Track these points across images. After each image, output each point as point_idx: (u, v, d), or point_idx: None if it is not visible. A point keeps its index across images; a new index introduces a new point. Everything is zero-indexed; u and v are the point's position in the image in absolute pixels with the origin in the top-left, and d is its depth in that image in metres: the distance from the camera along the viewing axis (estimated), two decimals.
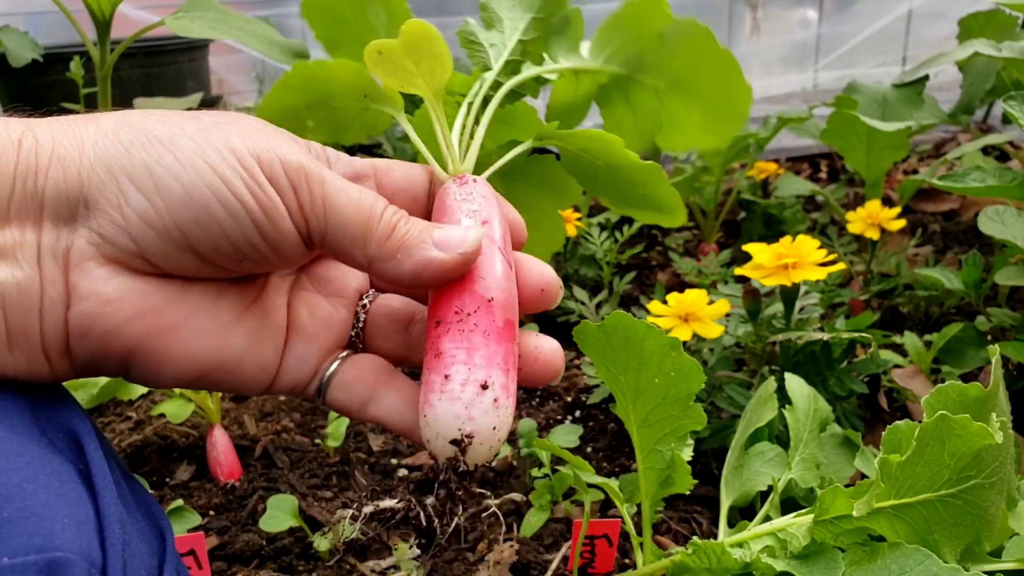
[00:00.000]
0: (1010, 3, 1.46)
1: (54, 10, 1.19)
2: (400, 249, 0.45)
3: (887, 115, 1.61)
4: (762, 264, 1.01)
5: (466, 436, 0.45)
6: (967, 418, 0.56)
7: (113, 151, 0.40)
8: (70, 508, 0.37)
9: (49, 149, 0.40)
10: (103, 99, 1.22)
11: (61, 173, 0.40)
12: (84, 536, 0.37)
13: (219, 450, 1.10)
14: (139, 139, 0.41)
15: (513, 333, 0.49)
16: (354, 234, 0.44)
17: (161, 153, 0.40)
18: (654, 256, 1.85)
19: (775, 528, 0.67)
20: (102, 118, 0.42)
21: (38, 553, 0.34)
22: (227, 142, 0.41)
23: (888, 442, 0.63)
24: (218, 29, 1.10)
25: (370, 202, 0.45)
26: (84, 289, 0.40)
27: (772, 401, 0.85)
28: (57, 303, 0.40)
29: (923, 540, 0.61)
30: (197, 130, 0.42)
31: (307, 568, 0.92)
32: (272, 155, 0.42)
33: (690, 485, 0.70)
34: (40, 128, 0.41)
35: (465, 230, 0.47)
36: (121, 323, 0.41)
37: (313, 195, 0.43)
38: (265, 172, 0.42)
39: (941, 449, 0.58)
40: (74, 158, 0.40)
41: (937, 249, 1.71)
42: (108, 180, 0.40)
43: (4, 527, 0.34)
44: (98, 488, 0.40)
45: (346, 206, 0.44)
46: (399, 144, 1.93)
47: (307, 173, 0.43)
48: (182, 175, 0.40)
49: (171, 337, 0.43)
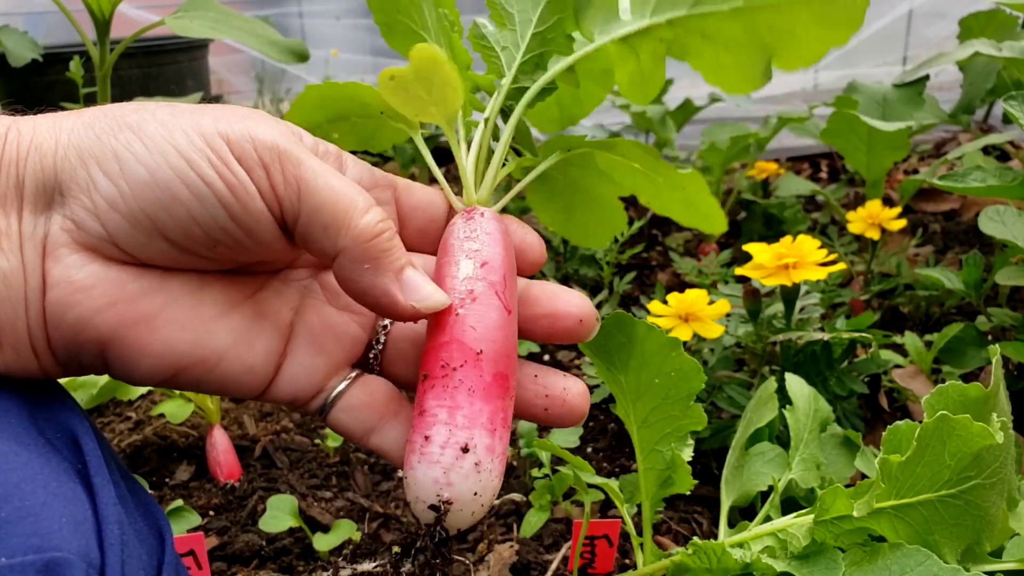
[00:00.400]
0: (1010, 3, 1.45)
1: (54, 10, 1.19)
2: (372, 260, 0.43)
3: (888, 115, 1.61)
4: (762, 264, 1.01)
5: (444, 502, 0.43)
6: (968, 418, 0.56)
7: (85, 137, 0.41)
8: (68, 508, 0.37)
9: (29, 139, 0.41)
10: (103, 99, 1.22)
11: (38, 161, 0.40)
12: (82, 536, 0.37)
13: (219, 450, 1.10)
14: (110, 126, 0.41)
15: (506, 387, 0.47)
16: (327, 220, 0.42)
17: (129, 139, 0.40)
18: (654, 256, 1.84)
19: (775, 528, 0.67)
20: (85, 111, 0.43)
21: (36, 553, 0.34)
22: (197, 125, 0.41)
23: (888, 442, 0.63)
24: (218, 29, 1.10)
25: (352, 194, 0.43)
26: (56, 276, 0.40)
27: (772, 401, 0.85)
28: (36, 292, 0.40)
29: (924, 540, 0.61)
30: (169, 115, 0.41)
31: (307, 568, 0.92)
32: (244, 135, 0.41)
33: (690, 485, 0.70)
34: (24, 122, 0.42)
35: (433, 291, 0.45)
36: (93, 311, 0.41)
37: (287, 175, 0.42)
38: (235, 152, 0.41)
39: (942, 449, 0.58)
40: (50, 146, 0.41)
41: (937, 249, 1.71)
42: (79, 166, 0.40)
43: (2, 527, 0.34)
44: (96, 488, 0.40)
45: (323, 190, 0.42)
46: (399, 145, 1.93)
47: (280, 152, 0.42)
48: (147, 158, 0.40)
49: (145, 328, 0.42)
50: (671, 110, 1.98)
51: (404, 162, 1.89)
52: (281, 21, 3.35)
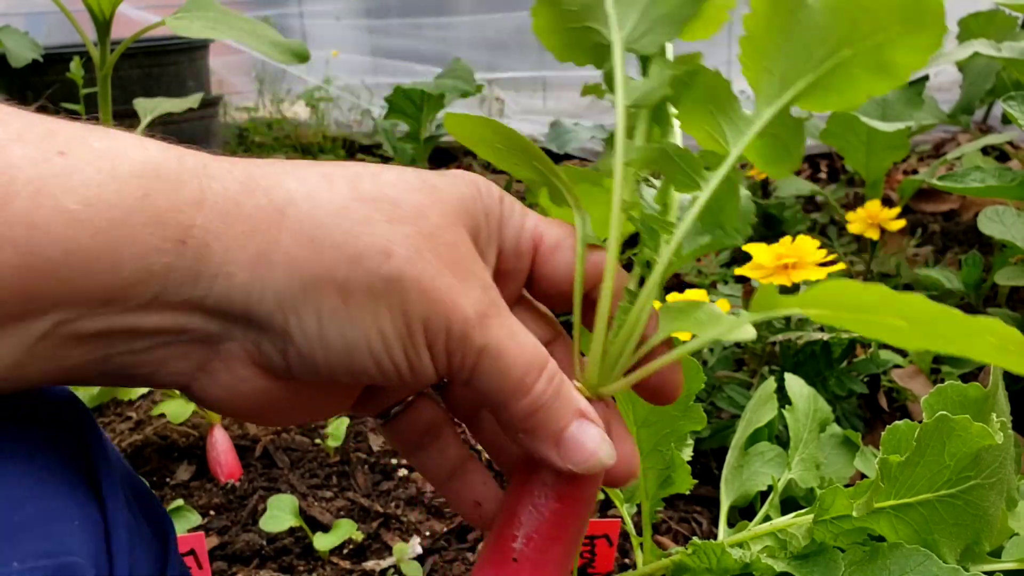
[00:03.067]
0: (1010, 3, 1.46)
1: (54, 10, 1.19)
2: (530, 429, 0.42)
3: (887, 115, 1.61)
4: (762, 264, 1.01)
5: None
6: (967, 418, 0.56)
7: (287, 287, 0.37)
8: (78, 514, 0.38)
9: (218, 262, 0.36)
10: (103, 99, 1.22)
11: (227, 291, 0.37)
12: (92, 541, 0.37)
13: (219, 450, 1.10)
14: (318, 281, 0.37)
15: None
16: (495, 388, 0.41)
17: (335, 304, 0.38)
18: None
19: (775, 528, 0.67)
20: (287, 221, 0.38)
21: (48, 558, 0.35)
22: (403, 305, 0.38)
23: (888, 442, 0.63)
24: (218, 29, 1.10)
25: (526, 361, 0.41)
26: (223, 380, 0.40)
27: (772, 401, 0.85)
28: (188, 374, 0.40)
29: (923, 540, 0.61)
30: (383, 283, 0.38)
31: (307, 568, 0.92)
32: (440, 322, 0.39)
33: (690, 485, 0.70)
34: (209, 224, 0.36)
35: (594, 451, 0.42)
36: (238, 412, 0.42)
37: (467, 354, 0.40)
38: (428, 339, 0.40)
39: (941, 449, 0.58)
40: (243, 280, 0.36)
41: (937, 249, 1.71)
42: (276, 313, 0.38)
43: (15, 533, 0.35)
44: (105, 494, 0.40)
45: (499, 364, 0.41)
46: (399, 145, 1.93)
47: (467, 341, 0.40)
48: (349, 332, 0.38)
49: (268, 415, 0.44)
50: None
51: (405, 162, 1.89)
52: (281, 22, 3.35)
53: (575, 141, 1.94)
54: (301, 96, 2.71)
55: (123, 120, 1.93)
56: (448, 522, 0.99)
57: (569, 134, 1.95)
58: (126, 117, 1.87)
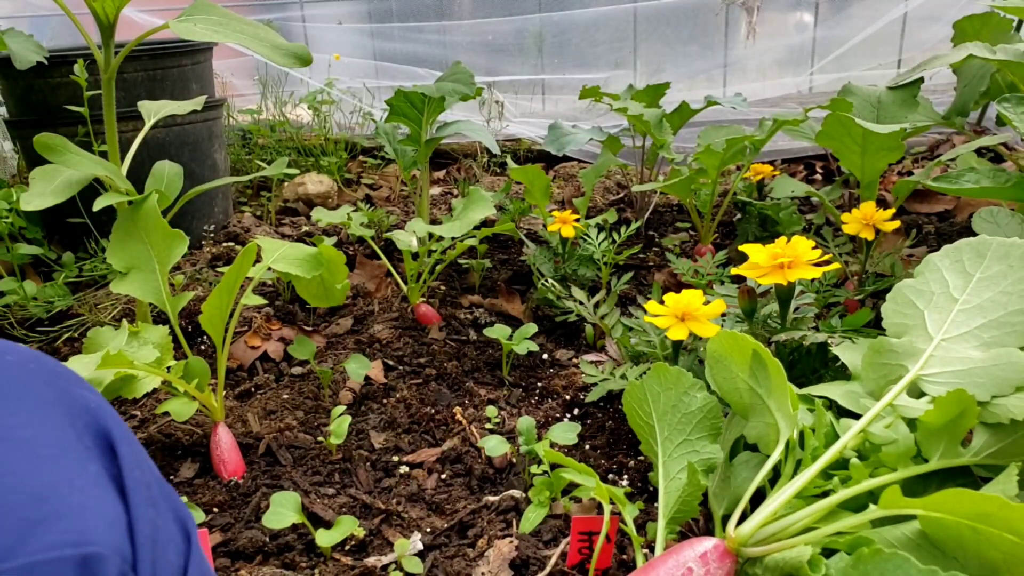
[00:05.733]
0: (1004, 6, 1.47)
1: (59, 13, 1.20)
2: None
3: (882, 117, 1.62)
4: (758, 263, 1.03)
5: None
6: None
7: None
8: (103, 508, 0.40)
9: None
10: (107, 102, 1.24)
11: None
12: (116, 533, 0.39)
13: (223, 448, 1.11)
14: None
15: None
16: None
17: None
18: (651, 257, 1.86)
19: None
20: None
21: (74, 548, 0.37)
22: None
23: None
24: (221, 32, 1.12)
25: None
26: None
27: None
28: None
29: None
30: None
31: (310, 564, 0.93)
32: None
33: (698, 512, 0.76)
34: None
35: None
36: None
37: None
38: None
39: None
40: None
41: (931, 249, 1.72)
42: None
43: (42, 524, 0.37)
44: (129, 490, 0.42)
45: None
46: (401, 147, 1.95)
47: None
48: None
49: None
50: (668, 113, 2.00)
51: (406, 164, 1.90)
52: (284, 25, 3.37)
53: (573, 143, 1.96)
54: (304, 99, 2.73)
55: (127, 122, 1.93)
56: (449, 518, 1.00)
57: (567, 136, 1.97)
58: (130, 119, 1.88)
